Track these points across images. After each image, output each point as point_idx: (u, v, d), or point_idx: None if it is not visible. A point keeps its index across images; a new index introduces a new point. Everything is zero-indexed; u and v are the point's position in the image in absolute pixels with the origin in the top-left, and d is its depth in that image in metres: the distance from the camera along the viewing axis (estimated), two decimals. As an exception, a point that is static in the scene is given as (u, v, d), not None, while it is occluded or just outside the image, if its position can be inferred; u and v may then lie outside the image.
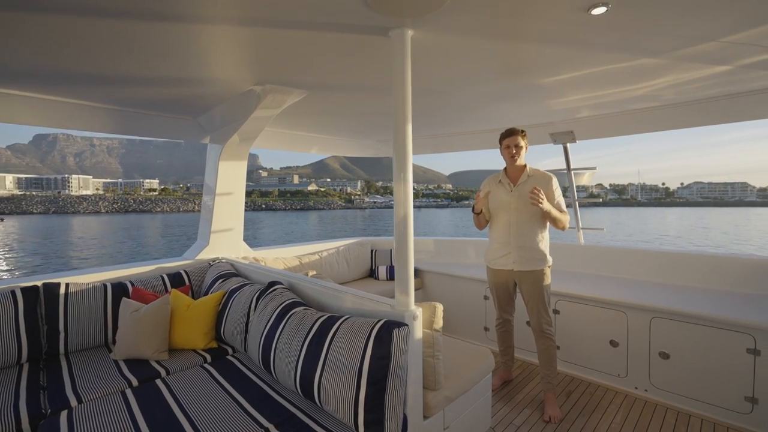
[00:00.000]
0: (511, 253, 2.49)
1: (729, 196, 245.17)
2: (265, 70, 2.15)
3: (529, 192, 2.30)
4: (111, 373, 2.03)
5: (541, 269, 2.46)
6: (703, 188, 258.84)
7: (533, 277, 2.46)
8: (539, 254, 2.46)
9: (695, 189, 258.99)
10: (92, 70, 2.06)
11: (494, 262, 2.61)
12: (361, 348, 1.51)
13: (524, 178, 2.47)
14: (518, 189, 2.47)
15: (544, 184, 2.43)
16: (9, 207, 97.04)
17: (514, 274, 2.52)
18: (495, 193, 2.56)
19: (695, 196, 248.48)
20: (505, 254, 2.52)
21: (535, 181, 2.45)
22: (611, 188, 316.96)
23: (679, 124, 2.93)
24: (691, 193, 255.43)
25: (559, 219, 2.40)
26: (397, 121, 1.64)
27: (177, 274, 2.86)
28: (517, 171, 2.51)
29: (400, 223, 1.65)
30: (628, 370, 2.71)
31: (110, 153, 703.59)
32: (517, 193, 2.46)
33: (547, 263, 2.48)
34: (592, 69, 2.12)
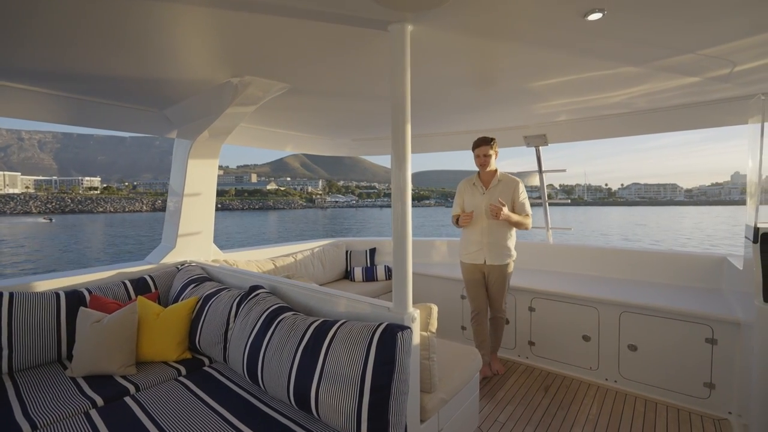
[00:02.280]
0: (483, 249, 2.83)
1: (662, 197, 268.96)
2: (244, 59, 2.00)
3: (490, 205, 2.66)
4: (70, 393, 1.81)
5: (507, 263, 2.84)
6: (640, 189, 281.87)
7: (499, 270, 2.82)
8: (507, 250, 2.82)
9: (633, 190, 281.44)
10: (40, 51, 1.80)
11: (468, 257, 2.92)
12: (363, 353, 1.44)
13: (495, 183, 2.81)
14: (489, 192, 2.81)
15: (512, 187, 2.78)
16: None
17: (485, 268, 2.86)
18: (469, 195, 2.90)
19: (633, 196, 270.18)
20: (478, 250, 2.85)
21: (504, 185, 2.80)
22: (561, 188, 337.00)
23: (647, 130, 3.13)
24: (630, 194, 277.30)
25: (521, 223, 2.75)
26: (396, 120, 1.59)
27: (141, 279, 2.62)
28: (488, 176, 2.85)
29: (398, 223, 1.60)
30: (599, 362, 2.86)
31: (42, 148, 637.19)
32: (488, 195, 2.80)
33: (512, 257, 2.85)
34: (579, 75, 2.20)
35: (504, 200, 2.68)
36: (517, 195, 2.75)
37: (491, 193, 2.77)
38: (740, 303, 2.41)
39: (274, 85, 2.32)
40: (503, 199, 2.70)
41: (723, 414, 2.39)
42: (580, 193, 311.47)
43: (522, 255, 3.96)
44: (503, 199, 2.68)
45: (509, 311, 3.30)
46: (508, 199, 2.74)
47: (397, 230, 1.60)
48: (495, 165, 2.81)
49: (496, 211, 2.60)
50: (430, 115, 3.30)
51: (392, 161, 1.61)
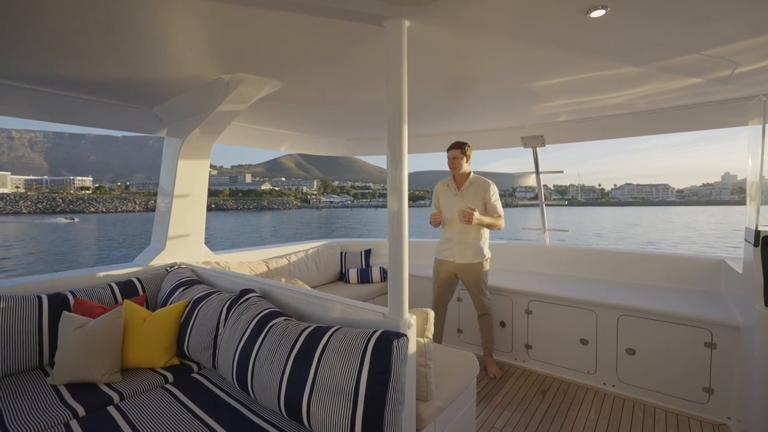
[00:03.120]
0: (454, 248, 2.92)
1: (654, 197, 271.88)
2: (236, 56, 1.94)
3: (462, 211, 2.75)
4: (50, 402, 1.73)
5: (480, 262, 2.89)
6: (633, 189, 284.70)
7: (473, 269, 2.90)
8: (477, 249, 2.88)
9: (626, 190, 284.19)
10: (27, 48, 1.73)
11: (440, 254, 3.04)
12: (357, 362, 1.38)
13: (467, 185, 2.91)
14: (462, 193, 2.90)
15: (483, 189, 2.86)
16: None
17: (456, 266, 2.94)
18: (443, 196, 3.01)
19: (626, 197, 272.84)
20: (449, 248, 2.96)
21: (476, 186, 2.89)
22: (555, 189, 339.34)
23: (648, 131, 3.11)
24: (623, 194, 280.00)
25: (492, 225, 2.83)
26: (392, 119, 1.53)
27: (128, 282, 2.54)
28: (461, 177, 2.94)
29: (394, 225, 1.54)
30: (597, 366, 2.82)
31: (33, 147, 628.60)
32: (460, 197, 2.89)
33: (484, 257, 2.90)
34: (580, 75, 2.16)
35: (475, 202, 2.81)
36: (488, 196, 2.84)
37: (463, 194, 2.88)
38: (739, 307, 2.38)
39: (266, 83, 2.25)
40: (475, 200, 2.82)
41: (722, 419, 2.36)
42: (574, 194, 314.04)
43: (518, 257, 3.93)
44: (475, 201, 2.82)
45: (505, 314, 3.26)
46: (479, 200, 2.84)
47: (394, 233, 1.54)
48: (467, 168, 2.93)
49: (468, 216, 2.70)
50: (427, 115, 3.25)
51: (388, 161, 1.55)
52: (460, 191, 2.91)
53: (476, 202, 2.82)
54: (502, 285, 3.30)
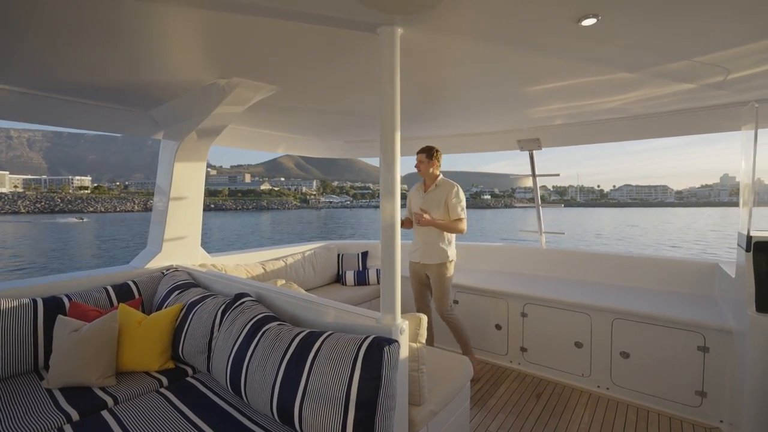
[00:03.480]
0: (419, 249, 3.02)
1: (653, 198, 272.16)
2: (232, 61, 1.95)
3: (414, 213, 2.85)
4: (44, 406, 1.73)
5: (443, 263, 2.94)
6: (632, 190, 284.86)
7: (437, 269, 2.95)
8: (440, 251, 2.94)
9: (625, 191, 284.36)
10: (23, 48, 1.73)
11: (411, 255, 3.12)
12: (348, 368, 1.39)
13: (433, 188, 2.99)
14: (427, 196, 2.99)
15: (447, 191, 2.93)
16: None
17: (423, 266, 3.02)
18: (414, 199, 3.11)
19: (625, 198, 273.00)
20: (416, 249, 3.05)
21: (440, 189, 2.96)
22: (554, 190, 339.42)
23: (642, 135, 3.13)
24: (622, 195, 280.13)
25: (448, 227, 2.89)
26: (385, 124, 1.55)
27: (124, 285, 2.54)
28: (429, 180, 3.03)
29: (387, 229, 1.56)
30: (592, 369, 2.83)
31: (32, 146, 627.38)
32: (425, 199, 2.99)
33: (448, 258, 2.95)
34: (573, 80, 2.18)
35: (438, 203, 2.91)
36: (449, 198, 2.90)
37: (428, 196, 2.98)
38: (732, 311, 2.39)
39: (262, 87, 2.26)
40: (438, 202, 2.92)
41: (715, 422, 2.37)
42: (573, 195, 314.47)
43: (514, 260, 3.95)
44: (438, 202, 2.92)
45: (501, 317, 3.27)
46: (442, 202, 2.92)
47: (386, 236, 1.55)
48: (436, 172, 3.01)
49: (418, 218, 2.82)
50: (423, 118, 3.26)
51: (381, 164, 1.57)
52: (426, 194, 3.01)
53: (440, 204, 2.90)
54: (497, 287, 3.31)
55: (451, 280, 3.01)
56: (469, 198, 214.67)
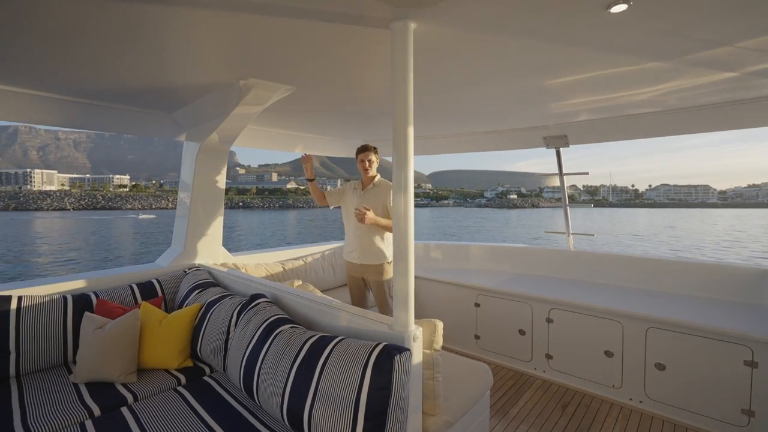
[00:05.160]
0: (356, 250, 2.88)
1: (693, 198, 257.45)
2: (248, 62, 1.95)
3: (355, 209, 2.67)
4: (69, 401, 1.79)
5: (381, 263, 2.83)
6: (669, 190, 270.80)
7: (375, 270, 2.84)
8: (378, 251, 2.83)
9: (662, 191, 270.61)
10: (56, 56, 1.80)
11: (346, 255, 2.99)
12: (358, 376, 1.35)
13: (371, 187, 2.89)
14: (365, 195, 2.88)
15: (384, 191, 2.82)
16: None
17: (360, 267, 2.89)
18: (350, 197, 2.99)
19: (662, 198, 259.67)
20: (353, 249, 2.91)
21: (378, 189, 2.86)
22: (584, 189, 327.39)
23: (678, 131, 2.90)
24: (659, 195, 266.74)
25: (389, 226, 2.69)
26: (398, 122, 1.49)
27: (148, 283, 2.61)
28: (368, 180, 2.93)
29: (400, 232, 1.50)
30: (623, 380, 2.66)
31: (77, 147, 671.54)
32: (362, 198, 2.87)
33: (386, 259, 2.84)
34: (600, 71, 2.03)
35: (377, 203, 2.77)
36: (389, 199, 2.76)
37: (365, 195, 2.88)
38: None
39: (278, 88, 2.26)
40: (376, 202, 2.79)
41: None
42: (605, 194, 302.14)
43: (540, 262, 3.79)
44: (376, 202, 2.78)
45: (525, 321, 3.14)
46: (380, 202, 2.80)
47: (399, 240, 1.49)
48: (375, 171, 2.92)
49: (360, 215, 2.62)
50: (442, 116, 3.17)
51: (394, 162, 1.51)
52: (363, 192, 2.90)
53: (377, 204, 2.78)
54: (521, 291, 3.18)
55: (390, 283, 2.83)
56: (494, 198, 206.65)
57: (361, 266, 2.87)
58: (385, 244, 2.85)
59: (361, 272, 2.90)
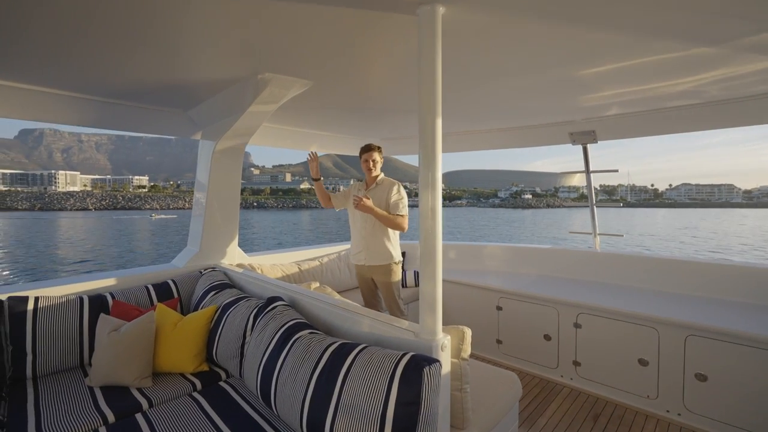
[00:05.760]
0: (363, 251, 2.83)
1: (716, 198, 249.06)
2: (265, 56, 1.87)
3: (354, 196, 2.66)
4: (84, 406, 1.75)
5: (388, 264, 2.79)
6: (691, 190, 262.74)
7: (383, 270, 2.79)
8: (384, 251, 2.78)
9: (683, 191, 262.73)
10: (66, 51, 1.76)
11: (354, 258, 2.93)
12: (384, 389, 1.25)
13: (374, 185, 2.86)
14: (368, 194, 2.80)
15: (388, 188, 2.80)
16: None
17: (369, 269, 2.84)
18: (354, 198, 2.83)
19: (683, 198, 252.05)
20: (359, 251, 2.86)
21: (381, 187, 2.82)
22: (601, 189, 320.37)
23: (719, 124, 2.70)
24: (679, 195, 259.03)
25: (385, 217, 2.67)
26: (425, 114, 1.38)
27: (164, 284, 2.57)
28: (371, 180, 2.89)
29: (427, 232, 1.39)
30: (659, 391, 2.50)
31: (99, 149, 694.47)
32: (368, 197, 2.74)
33: (393, 259, 2.80)
34: (639, 59, 1.88)
35: (380, 200, 2.75)
36: (390, 195, 2.77)
37: (368, 194, 2.81)
38: None
39: (295, 83, 2.18)
40: (379, 199, 2.77)
41: None
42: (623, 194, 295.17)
43: (565, 264, 3.62)
44: (379, 199, 2.76)
45: (551, 326, 2.99)
46: (383, 199, 2.77)
47: (426, 242, 1.39)
48: (379, 171, 2.90)
49: (357, 200, 2.61)
50: (463, 111, 3.04)
51: (420, 159, 1.41)
52: (366, 191, 2.86)
53: (380, 202, 2.75)
54: (546, 294, 3.03)
55: (399, 284, 2.85)
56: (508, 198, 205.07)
57: (369, 267, 2.83)
58: (391, 244, 2.81)
59: (370, 273, 2.86)
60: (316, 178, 2.96)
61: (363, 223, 2.80)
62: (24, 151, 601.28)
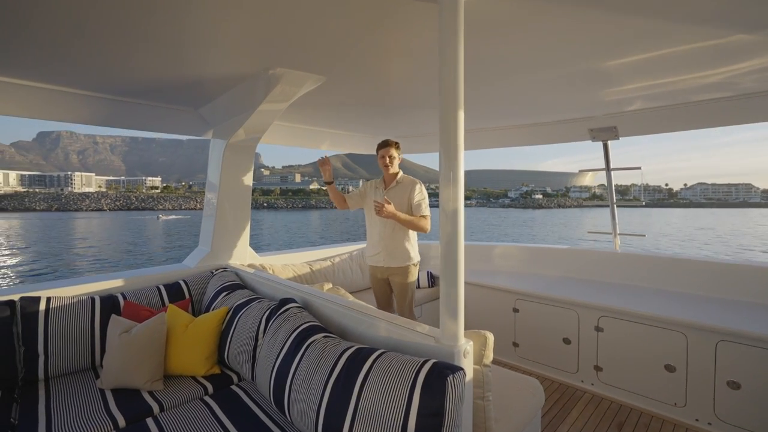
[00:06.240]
0: (381, 252, 2.73)
1: (733, 198, 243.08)
2: (276, 50, 1.82)
3: (374, 201, 2.51)
4: (95, 409, 1.71)
5: (407, 266, 2.71)
6: (707, 189, 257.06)
7: (401, 272, 2.71)
8: (404, 252, 2.70)
9: (699, 190, 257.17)
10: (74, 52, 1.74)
11: (370, 259, 2.83)
12: (404, 398, 1.18)
13: (394, 184, 2.75)
14: (388, 193, 2.71)
15: (409, 188, 2.68)
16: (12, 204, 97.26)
17: (386, 270, 2.75)
18: (372, 196, 2.82)
19: (699, 198, 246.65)
20: (377, 252, 2.75)
21: (402, 186, 2.72)
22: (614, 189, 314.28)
23: (750, 118, 2.56)
24: (695, 194, 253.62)
25: (410, 221, 2.58)
26: (446, 109, 1.30)
27: (175, 285, 2.54)
28: (390, 178, 2.77)
29: (448, 234, 1.32)
30: (687, 399, 2.38)
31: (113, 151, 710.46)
32: (387, 197, 2.65)
33: (412, 261, 2.73)
34: (671, 48, 1.77)
35: (401, 200, 2.65)
36: (413, 195, 2.65)
37: (389, 194, 2.72)
38: None
39: (308, 78, 2.12)
40: (400, 199, 2.66)
41: None
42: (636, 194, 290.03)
43: (584, 264, 3.51)
44: (401, 200, 2.65)
45: (570, 330, 2.88)
46: (404, 199, 2.67)
47: (447, 239, 1.31)
48: (397, 168, 2.77)
49: (379, 207, 2.47)
50: (479, 109, 2.95)
51: (441, 155, 1.33)
52: (386, 191, 2.75)
53: (402, 202, 2.64)
54: (566, 296, 2.93)
55: (414, 286, 2.79)
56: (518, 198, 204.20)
57: (387, 269, 2.75)
58: (411, 245, 2.74)
59: (387, 274, 2.78)
60: (329, 181, 2.88)
61: (383, 225, 2.70)
62: (41, 153, 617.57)
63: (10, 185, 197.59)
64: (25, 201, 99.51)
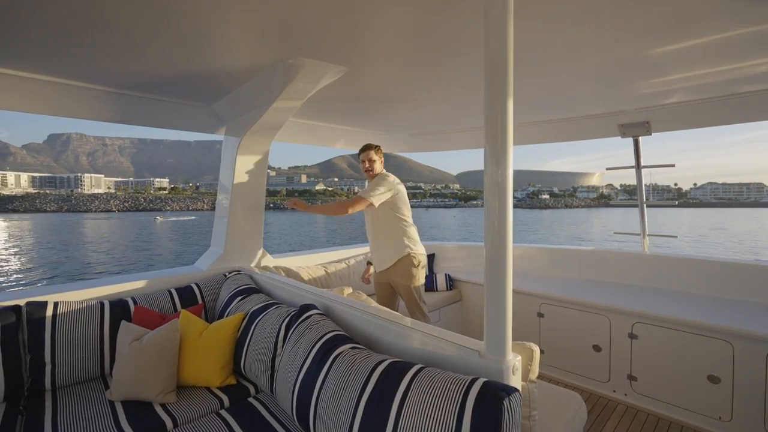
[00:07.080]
0: (374, 252, 2.74)
1: (744, 197, 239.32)
2: (294, 37, 1.68)
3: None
4: (104, 424, 1.59)
5: (401, 258, 2.62)
6: (717, 189, 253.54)
7: (399, 273, 2.64)
8: (394, 246, 2.64)
9: (708, 190, 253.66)
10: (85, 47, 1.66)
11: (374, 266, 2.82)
12: (452, 424, 1.03)
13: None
14: None
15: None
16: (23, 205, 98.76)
17: (385, 274, 2.71)
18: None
19: (709, 197, 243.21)
20: (373, 254, 2.77)
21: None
22: (622, 188, 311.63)
23: None
24: (705, 194, 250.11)
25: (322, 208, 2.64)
26: (492, 98, 1.15)
27: (188, 288, 2.42)
28: (371, 179, 2.72)
29: (494, 237, 1.17)
30: (734, 413, 2.20)
31: (122, 152, 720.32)
32: None
33: (409, 251, 2.62)
34: (720, 34, 1.60)
35: None
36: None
37: None
38: None
39: (328, 69, 1.99)
40: None
41: None
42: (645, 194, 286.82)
43: (611, 267, 3.33)
44: None
45: (601, 337, 2.72)
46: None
47: (493, 245, 1.17)
48: (378, 170, 2.71)
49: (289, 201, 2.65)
50: (516, 103, 2.80)
51: (486, 153, 1.18)
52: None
53: None
54: (596, 301, 2.76)
55: (421, 286, 2.68)
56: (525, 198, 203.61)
57: (386, 273, 2.71)
58: (405, 236, 2.64)
59: (386, 277, 2.74)
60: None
61: (370, 223, 2.70)
62: (52, 155, 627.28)
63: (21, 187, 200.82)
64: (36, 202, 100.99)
